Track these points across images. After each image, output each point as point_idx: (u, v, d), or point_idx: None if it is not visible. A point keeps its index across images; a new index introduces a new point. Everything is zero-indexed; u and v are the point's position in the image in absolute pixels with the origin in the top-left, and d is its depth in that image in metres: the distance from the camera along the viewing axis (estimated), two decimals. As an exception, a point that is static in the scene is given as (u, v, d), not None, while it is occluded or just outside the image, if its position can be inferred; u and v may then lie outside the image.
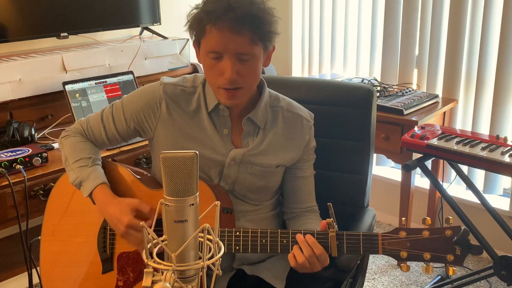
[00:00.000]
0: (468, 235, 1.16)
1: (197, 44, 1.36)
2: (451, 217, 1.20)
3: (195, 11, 1.33)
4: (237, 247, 1.28)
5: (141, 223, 0.85)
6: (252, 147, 1.43)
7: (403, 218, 1.25)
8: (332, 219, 1.23)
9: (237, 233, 1.29)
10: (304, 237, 1.26)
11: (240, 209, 1.47)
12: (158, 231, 1.29)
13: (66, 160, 1.47)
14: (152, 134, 1.45)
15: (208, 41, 1.30)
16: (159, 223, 1.35)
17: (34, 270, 1.97)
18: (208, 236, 0.84)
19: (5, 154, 1.93)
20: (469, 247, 1.16)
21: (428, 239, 1.18)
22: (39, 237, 1.53)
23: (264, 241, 1.27)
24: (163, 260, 0.84)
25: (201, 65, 1.40)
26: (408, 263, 1.21)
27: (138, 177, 1.47)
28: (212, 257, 0.84)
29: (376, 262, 2.79)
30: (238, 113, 1.43)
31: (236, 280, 1.47)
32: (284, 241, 1.26)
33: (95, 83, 2.38)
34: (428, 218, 1.21)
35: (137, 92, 1.48)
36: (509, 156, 2.00)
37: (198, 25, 1.31)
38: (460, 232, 1.16)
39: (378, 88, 2.81)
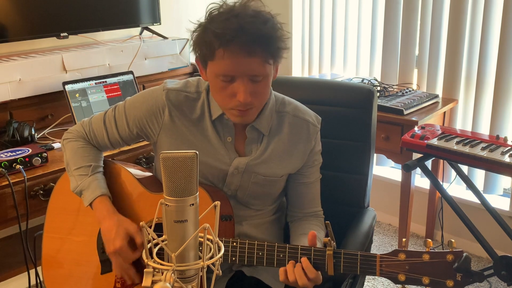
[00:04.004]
0: (470, 262, 1.11)
1: (202, 64, 1.31)
2: (453, 240, 1.14)
3: (200, 29, 1.27)
4: (234, 258, 1.27)
5: (141, 223, 0.84)
6: (256, 156, 1.41)
7: (403, 239, 1.20)
8: (329, 237, 1.20)
9: (234, 243, 1.27)
10: (300, 260, 1.23)
11: (242, 214, 1.46)
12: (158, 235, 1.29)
13: (67, 165, 1.47)
14: (155, 139, 1.43)
15: (218, 65, 1.25)
16: (158, 225, 1.36)
17: (33, 270, 1.96)
18: (208, 236, 0.84)
19: (5, 154, 1.93)
20: (470, 275, 1.10)
21: (428, 263, 1.13)
22: (42, 232, 1.53)
23: (260, 254, 1.26)
24: (163, 260, 0.84)
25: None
26: (406, 286, 1.16)
27: (140, 179, 1.46)
28: (212, 257, 0.84)
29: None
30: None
31: (235, 282, 1.46)
32: (281, 256, 1.25)
33: (95, 83, 2.38)
34: (430, 240, 1.15)
35: (140, 96, 1.44)
36: (509, 156, 2.00)
37: (208, 48, 1.24)
38: (461, 258, 1.11)
39: (378, 88, 2.81)
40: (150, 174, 1.55)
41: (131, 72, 2.52)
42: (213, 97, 1.36)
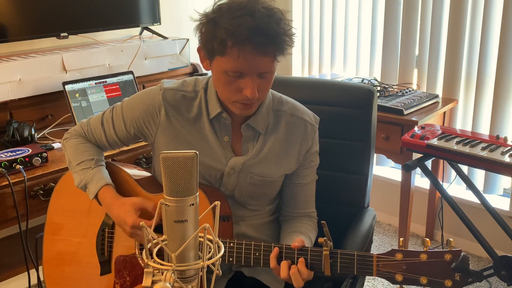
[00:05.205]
0: (468, 261, 1.10)
1: (208, 56, 1.29)
2: (452, 239, 1.13)
3: (209, 22, 1.24)
4: (231, 259, 1.27)
5: (141, 223, 0.84)
6: (252, 155, 1.41)
7: (401, 239, 1.18)
8: (325, 237, 1.19)
9: (231, 244, 1.27)
10: (296, 260, 1.23)
11: (240, 214, 1.46)
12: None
13: (70, 162, 1.47)
14: (152, 140, 1.43)
15: (228, 61, 1.23)
16: (159, 226, 1.36)
17: (33, 270, 1.96)
18: (208, 236, 0.84)
19: (5, 154, 1.93)
20: (469, 274, 1.09)
21: (425, 263, 1.12)
22: (43, 233, 1.54)
23: (257, 254, 1.26)
24: (163, 260, 0.84)
25: (201, 65, 1.38)
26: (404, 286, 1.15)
27: (138, 180, 1.46)
28: (212, 257, 0.84)
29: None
30: (240, 120, 1.40)
31: (235, 282, 1.46)
32: (278, 256, 1.25)
33: (95, 83, 2.38)
34: (428, 239, 1.13)
35: (137, 97, 1.45)
36: (509, 156, 2.00)
37: (219, 44, 1.22)
38: (459, 257, 1.09)
39: (378, 88, 2.81)
40: (148, 174, 1.54)
41: (131, 72, 2.52)
42: (216, 89, 1.35)
